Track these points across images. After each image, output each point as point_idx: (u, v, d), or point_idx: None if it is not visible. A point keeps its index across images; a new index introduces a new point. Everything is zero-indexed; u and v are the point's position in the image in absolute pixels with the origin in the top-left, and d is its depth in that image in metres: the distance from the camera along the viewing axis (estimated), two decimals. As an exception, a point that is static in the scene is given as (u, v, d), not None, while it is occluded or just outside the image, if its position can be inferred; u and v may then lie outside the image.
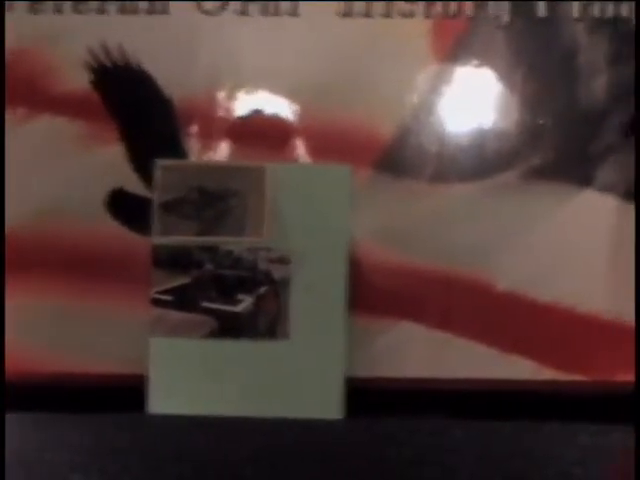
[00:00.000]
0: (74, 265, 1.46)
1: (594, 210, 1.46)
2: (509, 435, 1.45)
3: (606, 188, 1.45)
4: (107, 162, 1.47)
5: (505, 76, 1.48)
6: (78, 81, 1.47)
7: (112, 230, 1.45)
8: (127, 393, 1.38)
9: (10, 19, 1.45)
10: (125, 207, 1.46)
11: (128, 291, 1.43)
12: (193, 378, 1.37)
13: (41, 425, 1.49)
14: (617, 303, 1.41)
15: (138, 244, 1.41)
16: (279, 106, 1.47)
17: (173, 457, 1.45)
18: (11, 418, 1.44)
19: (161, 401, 1.36)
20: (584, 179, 1.46)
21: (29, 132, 1.47)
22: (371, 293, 1.41)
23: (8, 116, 1.45)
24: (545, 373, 1.42)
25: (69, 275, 1.46)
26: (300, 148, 1.47)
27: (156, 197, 1.35)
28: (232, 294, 1.37)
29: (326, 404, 1.36)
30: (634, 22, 1.45)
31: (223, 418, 1.39)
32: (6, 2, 1.45)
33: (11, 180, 1.45)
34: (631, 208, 1.44)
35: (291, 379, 1.36)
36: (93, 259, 1.45)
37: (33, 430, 1.49)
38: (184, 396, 1.37)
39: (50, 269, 1.47)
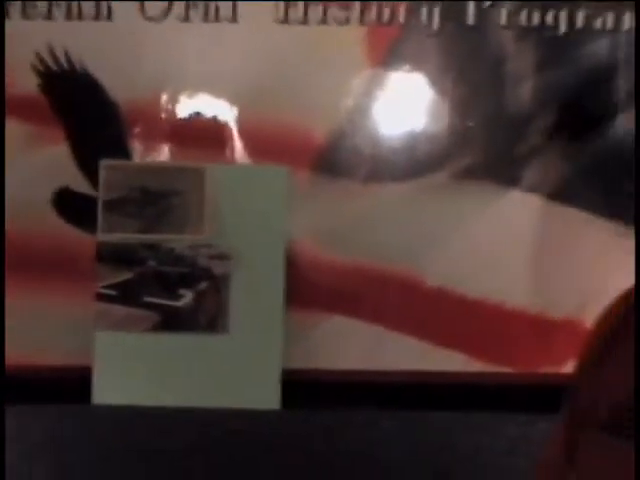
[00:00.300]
0: (21, 262, 1.48)
1: (520, 209, 1.50)
2: (440, 426, 1.51)
3: (531, 188, 1.49)
4: (53, 162, 1.49)
5: (436, 81, 1.51)
6: (26, 84, 1.49)
7: (58, 228, 1.48)
8: (74, 385, 1.42)
9: None
10: (71, 206, 1.49)
11: (74, 286, 1.46)
12: (137, 370, 1.44)
13: None
14: (542, 298, 1.46)
15: (83, 241, 1.45)
16: (219, 109, 1.51)
17: (117, 447, 1.50)
18: None
19: (106, 392, 1.41)
20: (510, 180, 1.50)
21: None
22: (307, 289, 1.45)
23: None
24: (474, 365, 1.46)
25: (16, 272, 1.47)
26: (239, 150, 1.50)
27: (101, 196, 1.41)
28: (174, 289, 1.42)
29: (264, 395, 1.41)
30: (563, 30, 1.48)
31: (166, 409, 1.44)
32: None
33: None
34: (555, 207, 1.49)
35: (230, 371, 1.42)
36: (39, 256, 1.49)
37: None
38: (128, 387, 1.43)
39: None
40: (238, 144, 1.51)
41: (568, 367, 1.31)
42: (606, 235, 1.46)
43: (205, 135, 1.51)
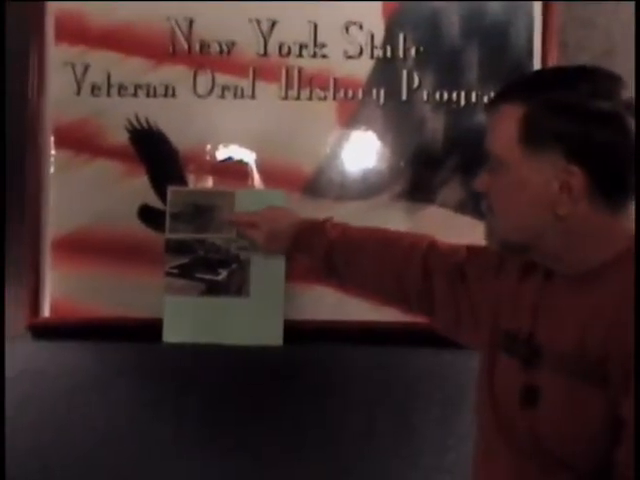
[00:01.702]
0: (119, 251, 1.83)
1: (436, 219, 1.82)
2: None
3: (443, 205, 1.83)
4: (139, 188, 1.84)
5: (381, 136, 1.85)
6: (121, 138, 1.84)
7: (141, 230, 1.84)
8: (150, 330, 1.72)
9: (78, 99, 1.84)
10: (149, 216, 1.83)
11: (151, 267, 1.79)
12: (191, 320, 1.72)
13: (92, 350, 1.85)
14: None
15: (157, 239, 1.78)
16: (243, 154, 1.83)
17: (176, 371, 1.84)
18: (70, 346, 1.83)
19: (171, 334, 1.71)
20: (429, 199, 1.84)
21: (91, 169, 1.85)
22: (299, 267, 1.75)
23: (76, 159, 1.83)
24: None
25: (116, 258, 1.82)
26: (256, 180, 1.84)
27: (168, 209, 1.72)
28: (215, 269, 1.71)
29: (272, 336, 1.70)
30: (462, 104, 1.79)
31: (207, 345, 1.71)
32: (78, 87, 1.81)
33: (79, 199, 1.83)
34: (460, 217, 1.80)
35: (251, 321, 1.71)
36: (130, 247, 1.83)
37: (88, 352, 1.85)
38: (185, 331, 1.72)
39: (102, 253, 1.83)
40: (255, 176, 1.83)
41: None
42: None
43: (234, 171, 1.82)
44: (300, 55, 1.85)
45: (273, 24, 1.85)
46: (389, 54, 1.84)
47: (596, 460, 1.11)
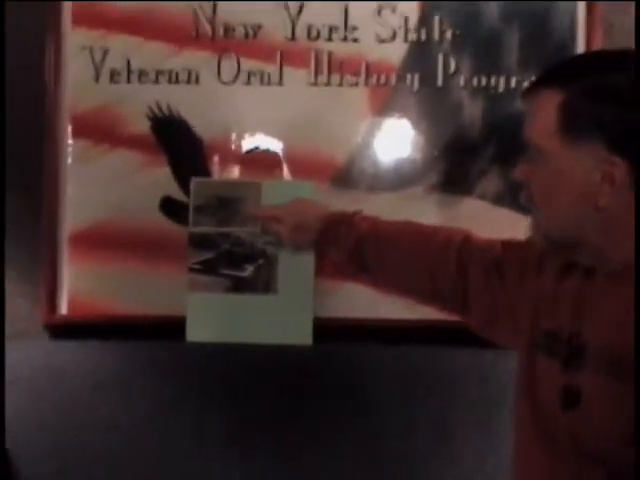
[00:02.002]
0: (139, 246, 1.79)
1: (473, 213, 1.76)
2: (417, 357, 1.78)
3: (480, 197, 1.78)
4: (160, 179, 1.79)
5: (415, 124, 1.79)
6: (142, 127, 1.79)
7: (163, 223, 1.79)
8: (173, 328, 1.68)
9: (96, 86, 1.80)
10: (172, 208, 1.78)
11: (173, 262, 1.75)
12: (215, 319, 1.68)
13: (113, 349, 1.83)
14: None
15: (180, 232, 1.73)
16: (270, 143, 1.78)
17: (202, 370, 1.81)
18: (92, 344, 1.80)
19: (194, 333, 1.66)
20: (465, 191, 1.78)
21: (110, 160, 1.80)
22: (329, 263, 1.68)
23: (94, 149, 1.79)
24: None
25: (136, 254, 1.78)
26: (283, 170, 1.78)
27: (191, 202, 1.67)
28: (240, 264, 1.67)
29: (302, 335, 1.65)
30: (501, 89, 1.73)
31: (234, 344, 1.68)
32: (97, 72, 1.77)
33: (98, 191, 1.79)
34: (499, 210, 1.74)
35: (279, 319, 1.66)
36: (150, 242, 1.78)
37: (108, 352, 1.82)
38: (209, 330, 1.68)
39: (122, 248, 1.79)
40: (282, 167, 1.78)
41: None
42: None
43: (261, 161, 1.78)
44: (330, 39, 1.80)
45: (301, 6, 1.81)
46: (424, 38, 1.80)
47: (629, 458, 1.09)
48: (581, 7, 1.79)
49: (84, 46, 1.81)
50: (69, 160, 1.83)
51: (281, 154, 1.80)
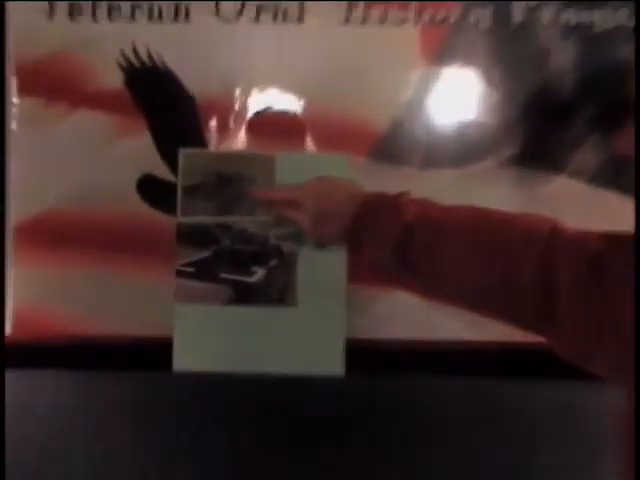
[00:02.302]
0: (107, 242, 1.54)
1: (564, 195, 1.53)
2: (487, 389, 1.57)
3: (574, 174, 1.53)
4: (137, 151, 1.54)
5: (484, 76, 1.55)
6: (112, 80, 1.54)
7: (141, 211, 1.53)
8: (155, 353, 1.46)
9: (51, 26, 1.54)
10: (153, 191, 1.53)
11: (155, 264, 1.51)
12: (213, 340, 1.46)
13: (76, 381, 1.59)
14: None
15: (164, 223, 1.49)
16: (287, 103, 1.53)
17: (195, 410, 1.58)
18: (48, 374, 1.57)
19: (185, 360, 1.44)
20: (553, 167, 1.54)
21: (69, 125, 1.54)
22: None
23: (50, 111, 1.54)
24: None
25: (103, 251, 1.54)
26: (305, 139, 1.53)
27: (180, 182, 1.44)
28: (247, 266, 1.46)
29: (330, 362, 1.44)
30: (604, 27, 1.51)
31: (239, 375, 1.45)
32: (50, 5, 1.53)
33: (52, 167, 1.55)
34: (598, 193, 1.53)
35: (299, 341, 1.45)
36: (124, 236, 1.53)
37: (70, 385, 1.59)
38: (205, 356, 1.45)
39: (86, 244, 1.55)
40: (305, 134, 1.54)
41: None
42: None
43: (275, 126, 1.54)
44: (368, -40, 1.54)
45: None
46: (493, -42, 1.55)
47: None
48: None
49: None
50: (13, 125, 1.57)
51: (302, 117, 1.55)
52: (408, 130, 1.56)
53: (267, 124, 1.56)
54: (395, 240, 1.30)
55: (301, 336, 1.46)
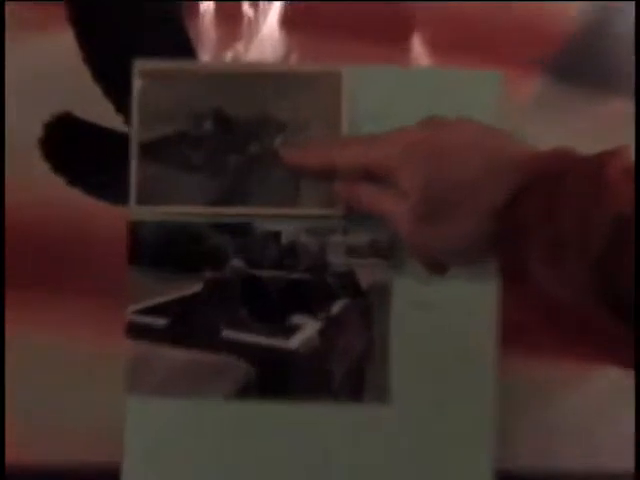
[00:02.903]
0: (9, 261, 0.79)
1: None
2: None
3: None
4: (47, 64, 0.79)
5: None
6: None
7: (53, 194, 0.78)
8: None
9: None
10: (76, 150, 0.77)
11: (85, 307, 0.77)
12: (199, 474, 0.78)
13: None
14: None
15: (102, 219, 0.76)
16: None
17: None
18: None
19: None
20: None
21: None
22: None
23: None
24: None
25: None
26: (411, 39, 0.83)
27: (135, 132, 0.74)
28: (280, 315, 0.76)
29: None
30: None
31: None
32: None
33: None
34: None
35: (394, 467, 0.78)
36: (32, 250, 0.79)
37: None
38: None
39: None
40: (412, 29, 0.83)
41: None
42: None
43: (339, 13, 0.81)
44: None
45: None
46: None
47: None
48: None
49: None
50: None
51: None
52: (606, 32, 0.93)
53: (322, 9, 0.81)
54: (600, 247, 0.67)
55: (400, 460, 0.78)
